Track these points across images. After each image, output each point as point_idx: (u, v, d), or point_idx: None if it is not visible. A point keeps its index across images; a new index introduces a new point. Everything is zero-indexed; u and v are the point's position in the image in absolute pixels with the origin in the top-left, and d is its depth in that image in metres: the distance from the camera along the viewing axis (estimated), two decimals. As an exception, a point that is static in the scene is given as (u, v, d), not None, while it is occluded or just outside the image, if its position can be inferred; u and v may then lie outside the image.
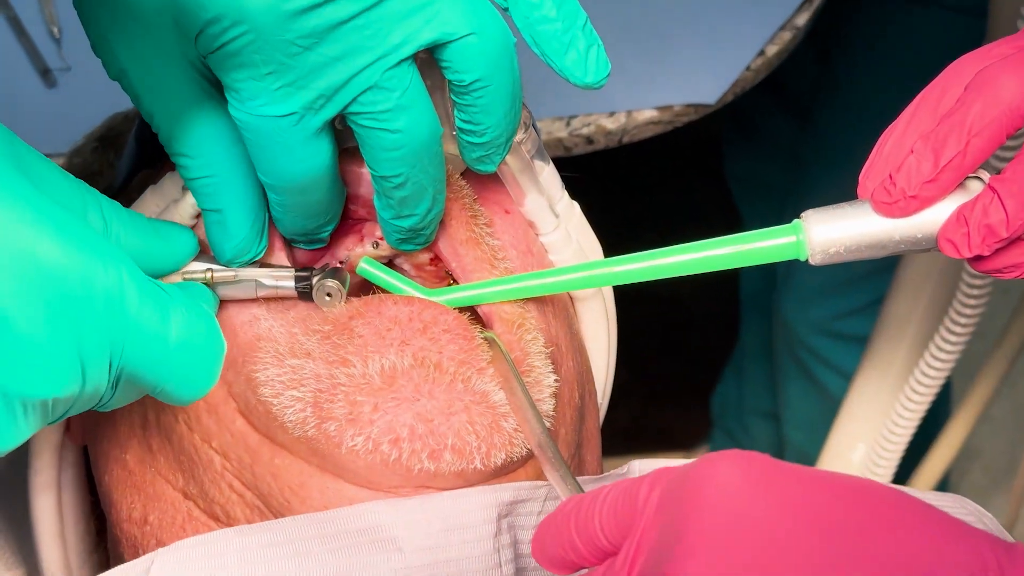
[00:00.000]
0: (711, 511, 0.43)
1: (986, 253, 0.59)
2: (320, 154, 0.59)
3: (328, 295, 0.62)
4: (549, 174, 0.72)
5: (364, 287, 0.68)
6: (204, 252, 0.62)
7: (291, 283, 0.62)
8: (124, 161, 0.76)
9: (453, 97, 0.60)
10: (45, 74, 1.14)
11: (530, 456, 0.63)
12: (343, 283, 0.62)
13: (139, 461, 0.67)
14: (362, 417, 0.59)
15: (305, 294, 0.62)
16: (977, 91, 0.58)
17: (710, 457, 0.45)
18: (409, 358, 0.60)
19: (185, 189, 0.65)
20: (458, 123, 0.61)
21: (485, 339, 0.63)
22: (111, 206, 0.54)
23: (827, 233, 0.61)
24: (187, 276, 0.60)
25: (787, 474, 0.44)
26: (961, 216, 0.59)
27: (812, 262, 0.61)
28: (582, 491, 0.54)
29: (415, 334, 0.61)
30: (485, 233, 0.68)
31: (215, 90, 0.59)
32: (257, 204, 0.62)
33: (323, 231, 0.65)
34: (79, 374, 0.47)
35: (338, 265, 0.65)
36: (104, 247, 0.48)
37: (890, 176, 0.60)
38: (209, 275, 0.61)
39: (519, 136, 0.67)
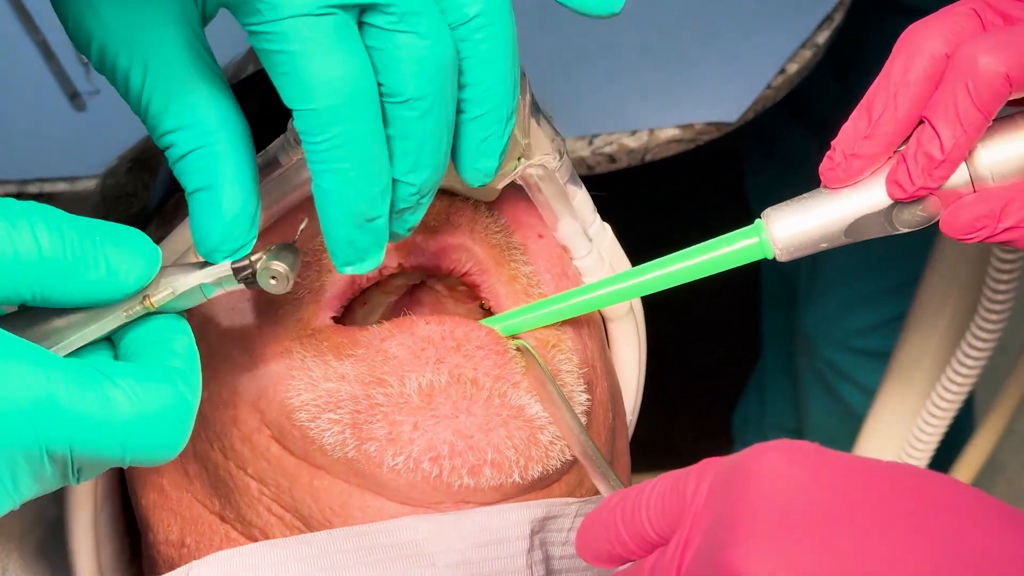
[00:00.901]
0: (764, 498, 0.44)
1: (932, 185, 0.59)
2: (357, 53, 0.53)
3: (273, 279, 0.55)
4: (582, 198, 0.72)
5: (395, 309, 0.68)
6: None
7: (232, 276, 0.55)
8: (159, 183, 0.77)
9: None
10: (74, 97, 1.15)
11: (564, 470, 0.63)
12: (291, 265, 0.55)
13: (175, 486, 0.68)
14: (402, 436, 0.60)
15: (250, 283, 0.55)
16: (901, 46, 0.60)
17: (759, 447, 0.46)
18: (446, 375, 0.61)
19: None
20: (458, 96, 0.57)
21: (518, 349, 0.63)
22: (53, 224, 0.49)
23: (788, 228, 0.61)
24: (128, 313, 0.53)
25: (838, 462, 0.45)
26: (900, 157, 0.60)
27: (780, 259, 0.62)
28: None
29: (449, 352, 0.62)
30: (521, 262, 0.68)
31: (210, 57, 0.56)
32: (250, 181, 0.55)
33: (381, 208, 0.56)
34: (12, 496, 0.46)
35: (287, 242, 0.57)
36: (27, 352, 0.46)
37: (831, 146, 0.61)
38: (148, 303, 0.54)
39: (554, 163, 0.68)
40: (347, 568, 0.59)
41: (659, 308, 0.72)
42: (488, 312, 0.68)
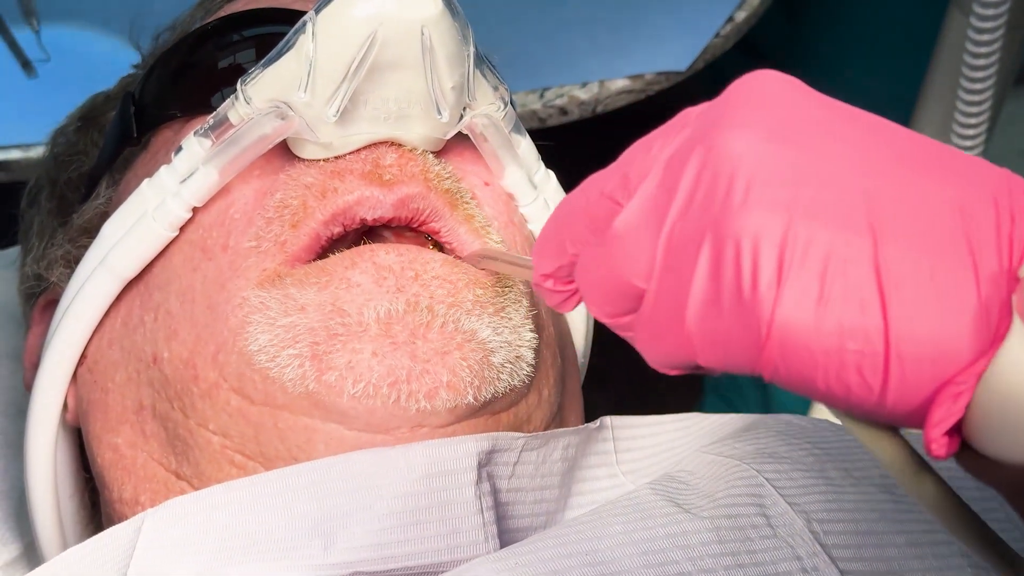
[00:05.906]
0: (754, 91, 0.45)
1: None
2: None
3: None
4: (526, 147, 0.73)
5: (357, 238, 0.69)
6: None
7: None
8: (108, 140, 0.78)
9: None
10: (26, 65, 1.15)
11: (515, 400, 0.66)
12: None
13: (130, 445, 0.68)
14: (361, 364, 0.61)
15: None
16: None
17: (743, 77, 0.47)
18: (403, 303, 0.62)
19: (183, 182, 0.66)
20: None
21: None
22: None
23: None
24: None
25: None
26: None
27: None
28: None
29: (408, 281, 0.63)
30: (472, 205, 0.69)
31: None
32: None
33: None
34: None
35: None
36: None
37: None
38: None
39: (499, 112, 0.69)
40: (299, 504, 0.60)
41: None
42: (439, 250, 0.68)
